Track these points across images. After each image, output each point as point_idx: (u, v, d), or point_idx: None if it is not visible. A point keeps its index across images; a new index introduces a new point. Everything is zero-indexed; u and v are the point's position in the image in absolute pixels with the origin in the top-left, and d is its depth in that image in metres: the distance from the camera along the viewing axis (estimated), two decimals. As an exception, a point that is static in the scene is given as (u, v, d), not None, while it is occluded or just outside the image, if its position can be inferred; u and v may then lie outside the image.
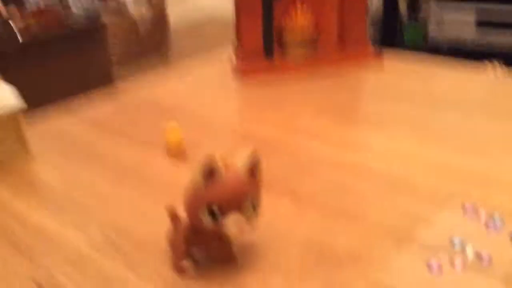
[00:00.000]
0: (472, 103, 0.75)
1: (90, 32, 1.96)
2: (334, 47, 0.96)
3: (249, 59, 0.93)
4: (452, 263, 0.42)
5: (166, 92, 0.85)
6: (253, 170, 0.42)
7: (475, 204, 0.50)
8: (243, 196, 0.41)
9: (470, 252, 0.43)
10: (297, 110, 0.75)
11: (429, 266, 0.42)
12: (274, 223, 0.49)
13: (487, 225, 0.46)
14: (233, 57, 0.96)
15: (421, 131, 0.67)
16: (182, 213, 0.42)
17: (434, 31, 2.05)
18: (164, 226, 0.45)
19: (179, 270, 0.43)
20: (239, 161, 0.42)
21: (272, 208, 0.52)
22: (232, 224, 0.40)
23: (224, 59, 0.99)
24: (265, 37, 0.93)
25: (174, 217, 0.43)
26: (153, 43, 2.66)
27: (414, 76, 0.87)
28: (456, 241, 0.44)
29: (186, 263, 0.43)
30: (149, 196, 0.55)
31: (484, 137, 0.64)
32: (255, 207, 0.42)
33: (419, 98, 0.77)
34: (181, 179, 0.42)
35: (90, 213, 0.52)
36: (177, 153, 0.62)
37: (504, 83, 0.82)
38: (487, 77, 0.85)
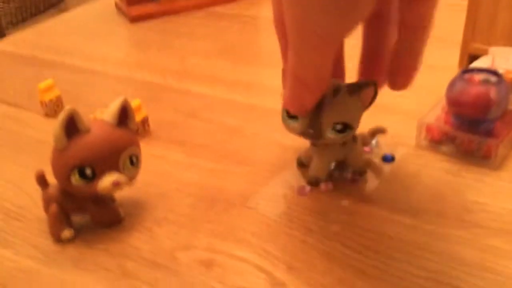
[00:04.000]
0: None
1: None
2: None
3: (136, 2, 0.87)
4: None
5: (48, 45, 0.77)
6: (125, 119, 0.39)
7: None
8: (117, 152, 0.37)
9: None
10: (187, 53, 0.72)
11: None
12: (164, 174, 0.47)
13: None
14: (119, 1, 0.89)
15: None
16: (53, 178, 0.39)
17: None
18: (39, 194, 0.41)
19: (59, 241, 0.39)
20: (107, 113, 0.38)
21: (161, 157, 0.49)
22: (106, 183, 0.37)
23: (111, 4, 0.92)
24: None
25: (43, 184, 0.39)
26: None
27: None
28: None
29: (66, 233, 0.39)
30: (23, 160, 0.50)
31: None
32: (133, 160, 0.39)
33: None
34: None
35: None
36: (55, 112, 0.57)
37: None
38: None
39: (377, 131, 0.46)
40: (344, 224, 0.40)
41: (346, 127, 0.38)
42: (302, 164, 0.46)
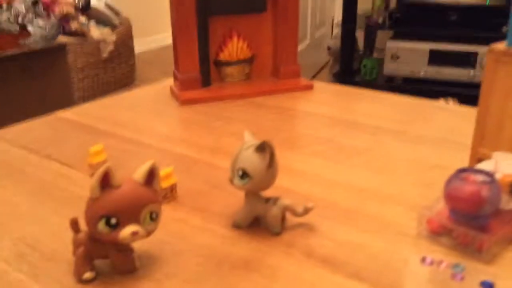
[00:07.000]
0: (388, 129, 0.81)
1: (48, 52, 1.93)
2: (268, 79, 1.02)
3: (188, 88, 0.98)
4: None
5: (106, 117, 0.88)
6: (151, 180, 0.45)
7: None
8: (139, 207, 0.44)
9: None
10: (223, 133, 0.80)
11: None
12: (181, 235, 0.52)
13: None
14: (174, 86, 1.01)
15: (344, 157, 0.71)
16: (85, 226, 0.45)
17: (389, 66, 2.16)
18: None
19: (81, 281, 0.45)
20: (136, 173, 0.45)
21: (182, 221, 0.55)
22: (126, 232, 0.43)
23: (167, 88, 1.04)
24: (201, 68, 0.98)
25: (76, 228, 0.46)
26: (118, 73, 2.69)
27: (340, 104, 0.93)
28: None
29: (87, 274, 0.45)
30: (64, 212, 0.57)
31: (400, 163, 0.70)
32: (153, 216, 0.45)
33: (342, 124, 0.83)
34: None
35: (3, 228, 0.54)
36: (99, 173, 0.65)
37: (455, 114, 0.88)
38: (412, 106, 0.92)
39: (308, 209, 0.53)
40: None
41: (245, 174, 0.49)
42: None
